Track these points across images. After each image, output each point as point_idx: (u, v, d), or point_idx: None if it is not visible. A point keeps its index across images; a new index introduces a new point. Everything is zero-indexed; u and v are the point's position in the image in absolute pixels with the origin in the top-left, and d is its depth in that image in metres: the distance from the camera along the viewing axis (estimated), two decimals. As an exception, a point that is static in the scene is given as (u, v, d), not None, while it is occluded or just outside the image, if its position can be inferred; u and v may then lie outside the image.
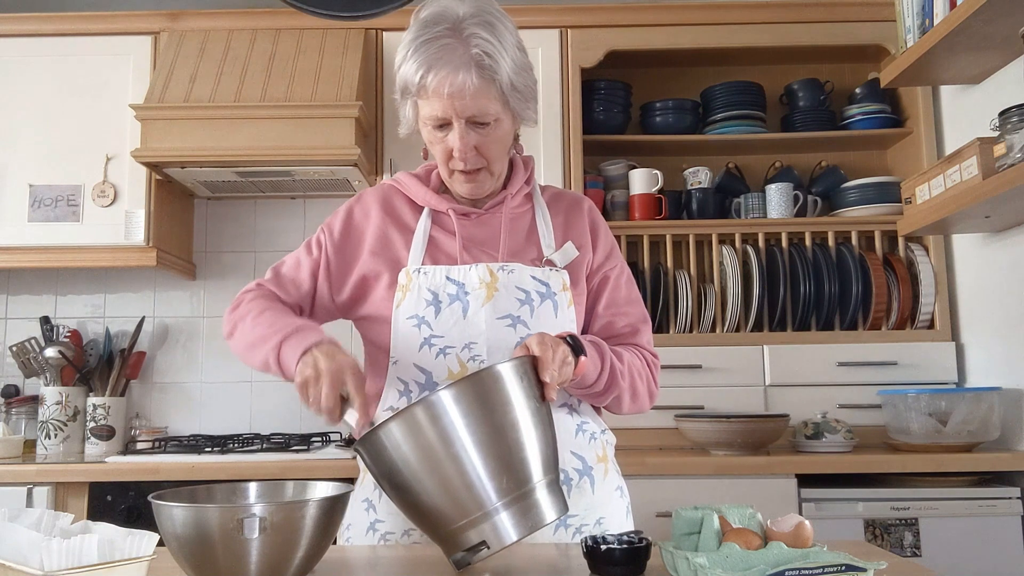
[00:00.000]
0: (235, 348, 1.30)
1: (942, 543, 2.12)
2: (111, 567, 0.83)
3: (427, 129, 1.27)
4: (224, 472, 2.18)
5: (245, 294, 1.33)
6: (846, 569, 0.88)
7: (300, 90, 2.49)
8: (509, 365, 1.03)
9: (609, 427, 1.40)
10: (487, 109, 1.22)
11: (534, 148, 2.59)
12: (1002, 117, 1.91)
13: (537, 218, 1.37)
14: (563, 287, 1.30)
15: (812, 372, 2.53)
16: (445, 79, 1.19)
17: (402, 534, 1.25)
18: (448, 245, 1.32)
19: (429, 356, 1.26)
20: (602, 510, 1.30)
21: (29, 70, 2.64)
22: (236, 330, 1.29)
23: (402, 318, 1.27)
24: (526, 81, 1.27)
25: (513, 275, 1.28)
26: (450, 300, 1.26)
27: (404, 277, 1.29)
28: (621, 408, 1.34)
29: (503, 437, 1.00)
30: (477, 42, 1.20)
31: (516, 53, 1.25)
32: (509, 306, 1.26)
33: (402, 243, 1.33)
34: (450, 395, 0.98)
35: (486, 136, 1.25)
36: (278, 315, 1.26)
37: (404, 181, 1.39)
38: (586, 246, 1.37)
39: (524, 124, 1.33)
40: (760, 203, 2.70)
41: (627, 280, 1.41)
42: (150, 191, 2.59)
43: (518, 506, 1.00)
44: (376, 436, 1.00)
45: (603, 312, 1.38)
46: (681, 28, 2.67)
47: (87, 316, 2.88)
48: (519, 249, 1.33)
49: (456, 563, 1.01)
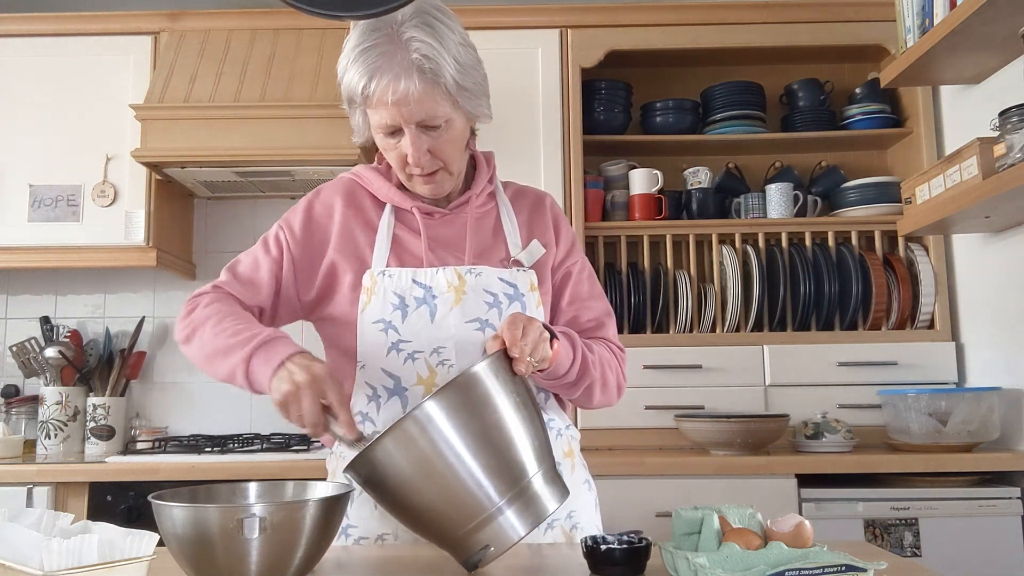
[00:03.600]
0: (193, 356, 1.24)
1: (942, 543, 2.12)
2: (111, 567, 0.83)
3: (379, 136, 1.25)
4: (224, 472, 2.18)
5: (200, 297, 1.27)
6: (846, 569, 0.88)
7: (300, 90, 2.49)
8: (484, 364, 1.02)
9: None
10: (435, 112, 1.20)
11: (534, 148, 2.60)
12: (1002, 117, 1.91)
13: (502, 216, 1.36)
14: (531, 287, 1.29)
15: (812, 372, 2.53)
16: (388, 87, 1.17)
17: (376, 538, 1.24)
18: (413, 245, 1.30)
19: (397, 361, 1.24)
20: (573, 503, 1.29)
21: (29, 70, 2.64)
22: (194, 337, 1.23)
23: (368, 322, 1.25)
24: (474, 78, 1.24)
25: (481, 278, 1.27)
26: (417, 304, 1.24)
27: (368, 279, 1.26)
28: (592, 400, 1.33)
29: (492, 438, 1.00)
30: (416, 46, 1.17)
31: (460, 51, 1.21)
32: (477, 309, 1.25)
33: (366, 241, 1.30)
34: (433, 406, 0.98)
35: (438, 138, 1.23)
36: (241, 323, 1.20)
37: (365, 175, 1.35)
38: (550, 243, 1.36)
39: (479, 121, 1.31)
40: (760, 203, 2.70)
41: (588, 275, 1.41)
42: (150, 191, 2.59)
43: (519, 502, 1.00)
44: (366, 457, 0.99)
45: (567, 307, 1.37)
46: (681, 28, 2.67)
47: (87, 316, 2.88)
48: (485, 249, 1.32)
49: (467, 566, 1.02)
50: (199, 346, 1.22)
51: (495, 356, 1.05)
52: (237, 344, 1.16)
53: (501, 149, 2.63)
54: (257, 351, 1.15)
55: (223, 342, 1.18)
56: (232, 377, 1.18)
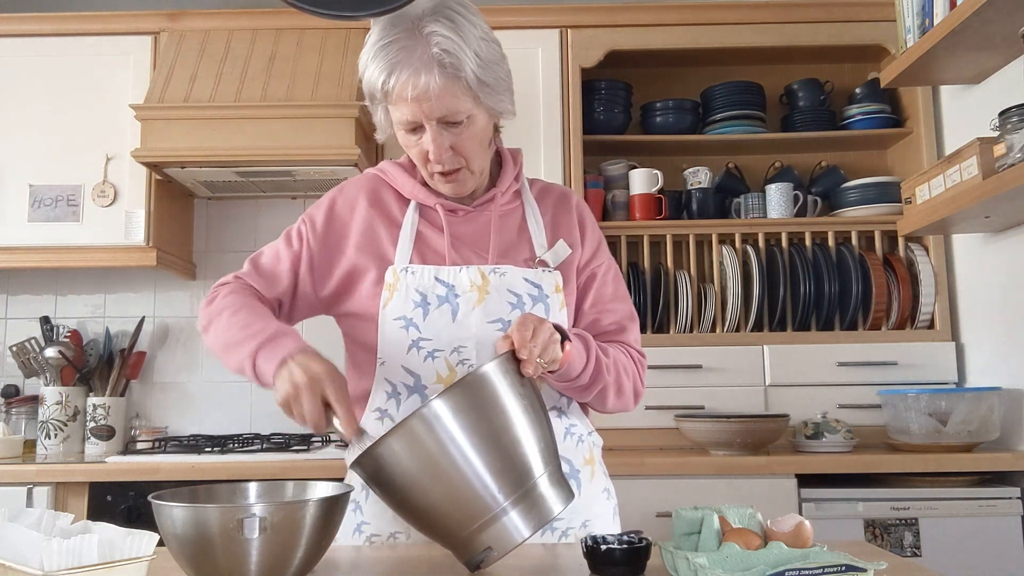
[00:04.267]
0: (210, 346, 1.25)
1: (942, 543, 2.12)
2: (111, 567, 0.83)
3: (401, 133, 1.25)
4: (224, 472, 2.17)
5: (221, 287, 1.28)
6: (846, 569, 0.88)
7: (300, 90, 2.49)
8: (494, 364, 1.02)
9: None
10: (456, 108, 1.19)
11: (534, 148, 2.59)
12: (1002, 117, 1.91)
13: (527, 215, 1.35)
14: (555, 289, 1.28)
15: (812, 372, 2.53)
16: (408, 82, 1.16)
17: (388, 536, 1.25)
18: (436, 242, 1.29)
19: (417, 359, 1.23)
20: (587, 512, 1.28)
21: (29, 70, 2.64)
22: (211, 327, 1.24)
23: (389, 319, 1.24)
24: (496, 73, 1.23)
25: (505, 277, 1.26)
26: (439, 302, 1.24)
27: (391, 276, 1.26)
28: (606, 405, 1.31)
29: (499, 439, 1.00)
30: (436, 40, 1.16)
31: (481, 46, 1.20)
32: (500, 309, 1.24)
33: (389, 238, 1.29)
34: (441, 405, 0.97)
35: (460, 135, 1.22)
36: (253, 316, 1.21)
37: (390, 171, 1.34)
38: (576, 244, 1.34)
39: (503, 117, 1.30)
40: (760, 203, 2.70)
41: (614, 276, 1.39)
42: (150, 191, 2.59)
43: (524, 503, 1.00)
44: (372, 454, 0.99)
45: (589, 310, 1.35)
46: (681, 28, 2.67)
47: (87, 316, 2.88)
48: (509, 248, 1.31)
49: (469, 566, 1.01)
50: (215, 336, 1.23)
51: (504, 357, 1.04)
52: (247, 338, 1.17)
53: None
54: (263, 346, 1.15)
55: (235, 334, 1.19)
56: (242, 370, 1.19)
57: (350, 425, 1.09)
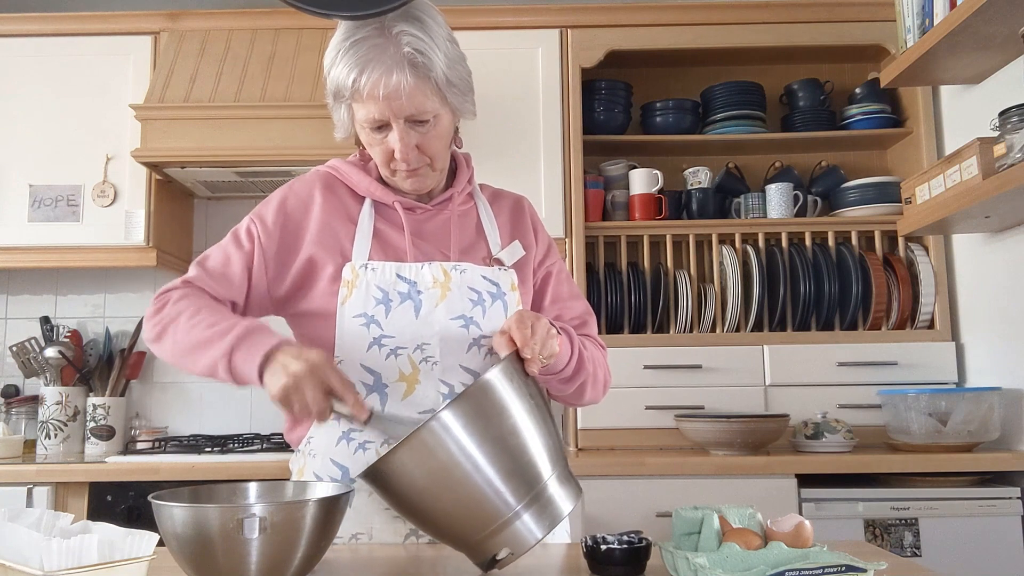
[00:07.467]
0: (167, 353, 1.20)
1: (942, 543, 2.12)
2: (111, 567, 0.83)
3: (365, 132, 1.24)
4: (224, 472, 2.18)
5: (169, 293, 1.23)
6: (846, 569, 0.88)
7: (300, 90, 2.49)
8: (498, 370, 1.01)
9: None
10: (425, 107, 1.20)
11: (534, 148, 2.60)
12: (1002, 117, 1.91)
13: (481, 216, 1.37)
14: (512, 287, 1.29)
15: (812, 372, 2.53)
16: (379, 80, 1.16)
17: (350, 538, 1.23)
18: (395, 239, 1.29)
19: (379, 357, 1.22)
20: None
21: (29, 70, 2.64)
22: (167, 333, 1.19)
23: (348, 316, 1.22)
24: (461, 74, 1.24)
25: (465, 275, 1.27)
26: (401, 299, 1.23)
27: (349, 272, 1.24)
28: (583, 397, 1.34)
29: (508, 444, 0.99)
30: (407, 39, 1.17)
31: (448, 46, 1.22)
32: (462, 306, 1.25)
33: (346, 234, 1.28)
34: (450, 416, 0.97)
35: (426, 134, 1.23)
36: (217, 315, 1.18)
37: (343, 169, 1.33)
38: (531, 245, 1.37)
39: (464, 118, 1.30)
40: (760, 203, 2.70)
41: (567, 276, 1.43)
42: (150, 191, 2.59)
43: (536, 506, 1.00)
44: (379, 468, 0.98)
45: (550, 306, 1.38)
46: (681, 28, 2.67)
47: (87, 316, 2.88)
48: (469, 247, 1.32)
49: (483, 567, 1.02)
50: (173, 342, 1.19)
51: (507, 360, 1.04)
52: (215, 336, 1.14)
53: (501, 149, 2.64)
54: (239, 344, 1.13)
55: (200, 335, 1.16)
56: (213, 371, 1.15)
57: (360, 409, 1.09)
